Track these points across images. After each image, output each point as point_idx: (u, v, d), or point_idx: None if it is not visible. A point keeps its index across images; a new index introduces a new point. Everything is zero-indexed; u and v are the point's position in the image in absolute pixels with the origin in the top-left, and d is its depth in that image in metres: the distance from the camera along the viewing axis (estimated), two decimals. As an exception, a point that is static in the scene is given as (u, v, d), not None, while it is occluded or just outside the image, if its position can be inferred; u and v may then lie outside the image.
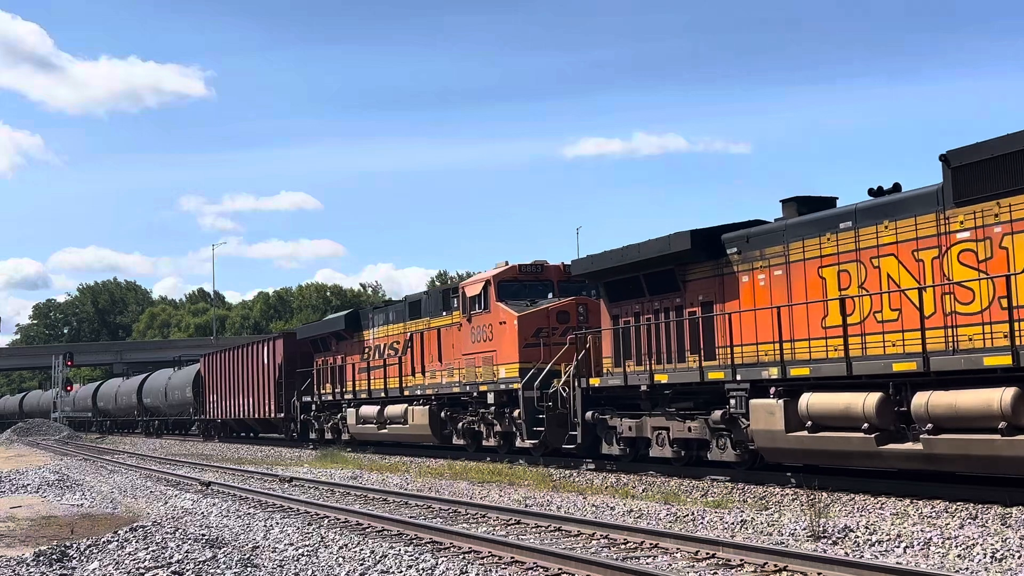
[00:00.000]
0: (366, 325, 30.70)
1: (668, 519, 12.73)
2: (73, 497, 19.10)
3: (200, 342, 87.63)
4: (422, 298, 27.25)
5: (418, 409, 26.25)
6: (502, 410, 22.66)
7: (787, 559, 9.19)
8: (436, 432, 25.62)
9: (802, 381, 15.01)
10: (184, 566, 9.78)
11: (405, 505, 15.60)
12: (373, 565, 9.89)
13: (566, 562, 9.63)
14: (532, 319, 22.06)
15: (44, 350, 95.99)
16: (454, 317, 24.90)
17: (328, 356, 33.44)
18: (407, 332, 27.54)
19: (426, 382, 26.24)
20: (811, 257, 15.44)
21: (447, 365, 25.12)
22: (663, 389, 17.87)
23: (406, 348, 27.42)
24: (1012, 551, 9.42)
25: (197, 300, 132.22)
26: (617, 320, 19.47)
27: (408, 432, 27.04)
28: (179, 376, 52.76)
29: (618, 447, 19.06)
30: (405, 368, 27.41)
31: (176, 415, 53.56)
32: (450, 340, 25.00)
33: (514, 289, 22.98)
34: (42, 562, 10.36)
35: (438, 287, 26.24)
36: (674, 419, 17.61)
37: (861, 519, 12.02)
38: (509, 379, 22.14)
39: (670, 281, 18.07)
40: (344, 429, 31.55)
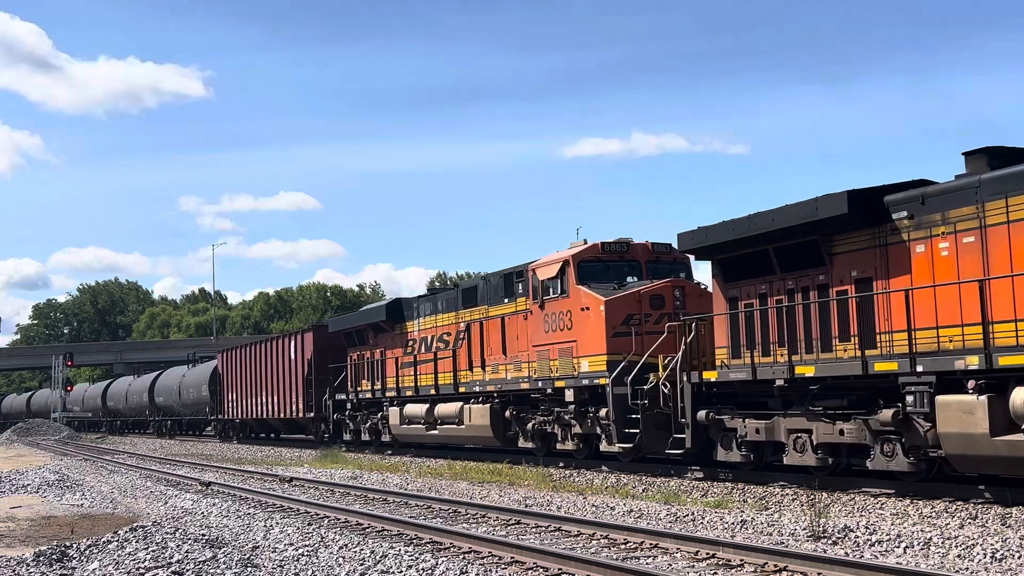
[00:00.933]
0: (410, 316, 27.86)
1: (668, 519, 12.73)
2: (73, 497, 19.10)
3: (200, 342, 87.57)
4: (478, 284, 24.34)
5: (477, 408, 23.55)
6: (583, 409, 19.91)
7: (787, 559, 9.19)
8: (498, 434, 22.95)
9: (1013, 372, 12.08)
10: (184, 566, 9.78)
11: (405, 505, 15.60)
12: (373, 565, 9.89)
13: (566, 562, 9.63)
14: (621, 304, 19.11)
15: (44, 350, 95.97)
16: (518, 304, 22.17)
17: (364, 350, 30.70)
18: (460, 322, 24.82)
19: (487, 377, 23.42)
20: (1020, 219, 12.44)
21: (513, 358, 22.29)
22: (807, 384, 14.94)
23: (459, 340, 24.70)
24: (1012, 551, 9.42)
25: (197, 300, 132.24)
26: (735, 303, 16.71)
27: (464, 434, 24.41)
28: (194, 374, 50.16)
29: (739, 453, 16.29)
30: (460, 362, 24.64)
31: (190, 415, 51.14)
32: (516, 330, 22.27)
33: (596, 270, 20.11)
34: (42, 562, 10.36)
35: (499, 271, 23.10)
36: (819, 420, 14.75)
37: (861, 519, 12.03)
38: (593, 373, 19.31)
39: (812, 254, 15.24)
40: (385, 430, 28.95)
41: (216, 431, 47.55)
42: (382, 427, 29.13)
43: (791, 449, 15.31)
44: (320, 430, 34.03)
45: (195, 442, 45.73)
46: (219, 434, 46.51)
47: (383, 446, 29.46)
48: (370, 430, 30.07)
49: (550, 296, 20.70)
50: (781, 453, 15.71)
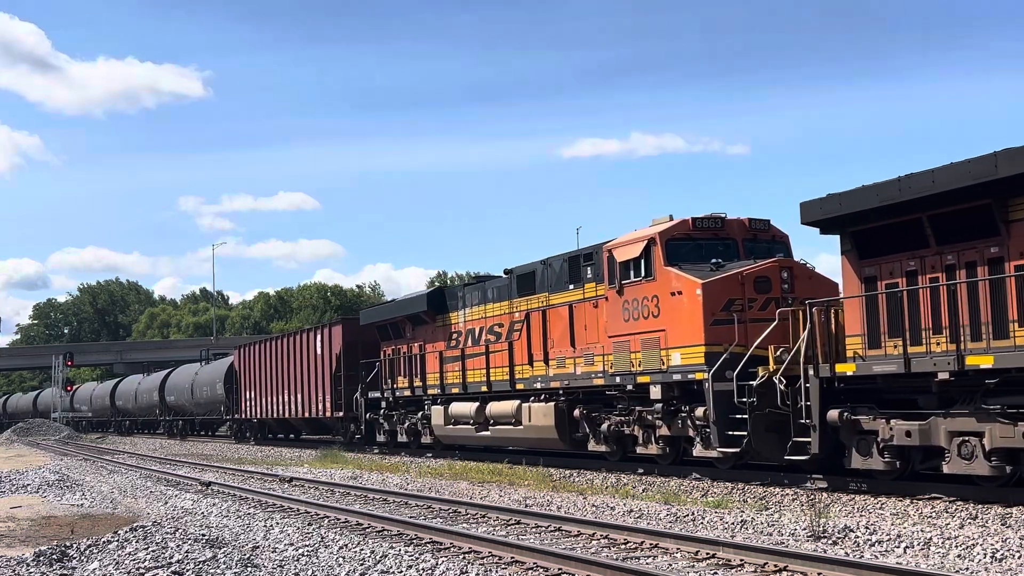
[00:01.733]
0: (454, 306, 25.39)
1: (668, 519, 12.73)
2: (73, 497, 19.09)
3: (200, 342, 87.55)
4: (536, 269, 21.70)
5: (538, 407, 21.12)
6: (672, 408, 17.57)
7: (787, 559, 9.19)
8: (564, 435, 20.53)
9: None
10: (184, 566, 9.78)
11: (405, 505, 15.60)
12: (373, 565, 9.90)
13: (566, 562, 9.63)
14: (721, 287, 16.67)
15: (44, 350, 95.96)
16: (586, 290, 19.80)
17: (401, 344, 28.10)
18: (514, 312, 22.48)
19: (550, 373, 20.90)
20: None
21: (583, 350, 19.81)
22: (981, 378, 12.64)
23: (513, 331, 22.38)
24: (1012, 551, 9.42)
25: (198, 300, 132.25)
26: (872, 284, 14.39)
27: (522, 435, 21.96)
28: (208, 371, 47.67)
29: (882, 459, 13.88)
30: (517, 355, 22.17)
31: (204, 414, 48.66)
32: (585, 319, 19.82)
33: (686, 249, 17.73)
34: (42, 562, 10.36)
35: (561, 255, 20.85)
36: (994, 421, 12.47)
37: (861, 519, 12.03)
38: (688, 367, 16.89)
39: (983, 222, 12.83)
40: (425, 431, 26.58)
41: (231, 432, 45.29)
42: (422, 427, 26.84)
43: (954, 455, 12.97)
44: (350, 431, 31.85)
45: (207, 443, 43.90)
46: (234, 435, 44.15)
47: (422, 448, 27.26)
48: (408, 431, 27.69)
49: (630, 280, 18.24)
50: (935, 460, 13.42)
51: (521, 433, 21.98)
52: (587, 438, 20.12)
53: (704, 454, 17.04)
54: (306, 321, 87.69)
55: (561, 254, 20.95)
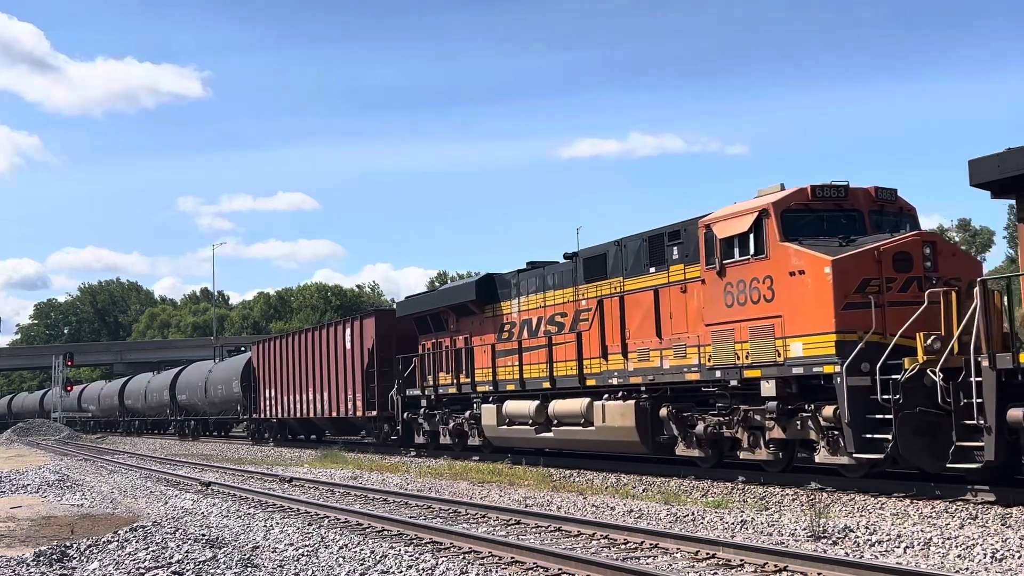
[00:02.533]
0: (506, 295, 23.23)
1: (668, 519, 12.73)
2: (73, 497, 19.10)
3: (201, 342, 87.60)
4: (608, 251, 19.43)
5: (614, 405, 18.82)
6: (789, 406, 15.24)
7: (787, 559, 9.19)
8: (645, 437, 18.14)
9: None
10: (184, 566, 9.78)
11: (405, 505, 15.60)
12: (373, 565, 9.90)
13: (566, 562, 9.63)
14: (855, 265, 14.37)
15: (44, 350, 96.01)
16: (671, 273, 17.58)
17: (443, 337, 26.07)
18: (581, 299, 20.25)
19: (629, 367, 18.62)
20: None
21: (672, 341, 17.52)
22: None
23: (579, 321, 20.21)
24: (1012, 551, 9.42)
25: (199, 300, 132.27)
26: None
27: (593, 437, 19.61)
28: (223, 369, 45.45)
29: None
30: (587, 348, 19.88)
31: (218, 414, 46.52)
32: (671, 306, 17.58)
33: (805, 222, 15.49)
34: (42, 562, 10.36)
35: (639, 234, 18.54)
36: None
37: (861, 519, 12.03)
38: (813, 359, 14.54)
39: None
40: (473, 432, 24.38)
41: (248, 432, 42.98)
42: (469, 428, 24.58)
43: None
44: (383, 431, 29.66)
45: (220, 444, 41.84)
46: (251, 435, 41.93)
47: (469, 450, 25.05)
48: (453, 431, 25.42)
49: (735, 259, 15.93)
50: None
51: (592, 435, 19.55)
52: (675, 441, 17.67)
53: (830, 461, 14.64)
54: (306, 321, 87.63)
55: (638, 234, 18.61)
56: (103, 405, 65.82)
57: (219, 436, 48.58)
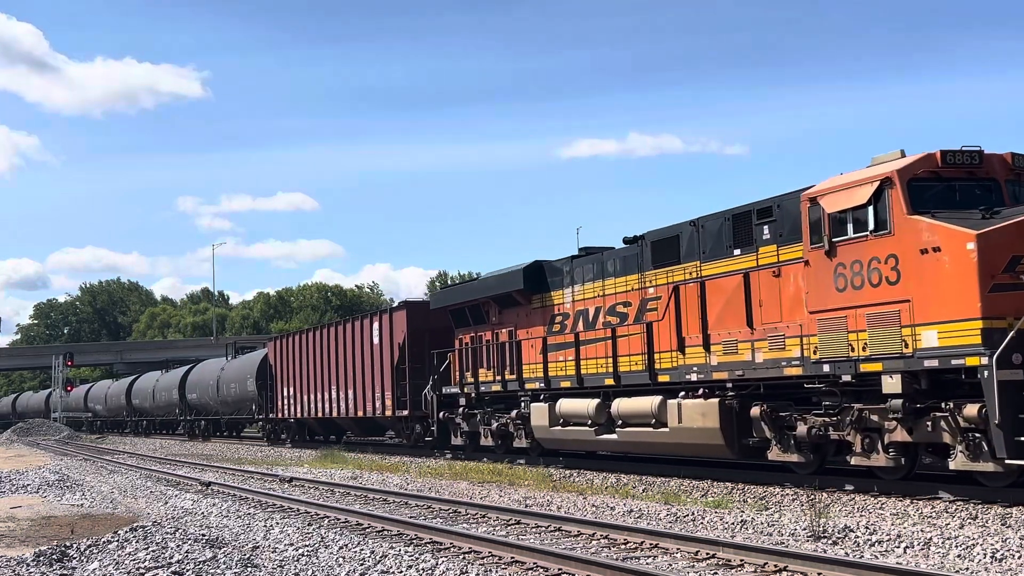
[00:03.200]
0: (558, 283, 21.35)
1: (668, 519, 12.73)
2: (73, 497, 19.10)
3: (201, 342, 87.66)
4: (681, 233, 17.59)
5: (694, 404, 16.82)
6: (917, 405, 13.34)
7: (787, 559, 9.18)
8: (731, 440, 16.19)
9: None
10: (184, 566, 9.78)
11: (405, 505, 15.60)
12: (373, 565, 9.89)
13: (566, 562, 9.62)
14: (1003, 240, 12.49)
15: (44, 350, 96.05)
16: (761, 255, 15.77)
17: (483, 330, 24.17)
18: (648, 286, 18.46)
19: (712, 361, 16.70)
20: None
21: (767, 331, 15.53)
22: None
23: (646, 311, 18.38)
24: (1012, 551, 9.42)
25: (199, 300, 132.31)
26: None
27: (667, 440, 17.60)
28: (236, 367, 43.59)
29: None
30: (659, 340, 17.98)
31: (230, 414, 44.71)
32: (763, 291, 15.71)
33: (934, 193, 13.60)
34: (42, 562, 10.36)
35: (719, 213, 16.81)
36: None
37: (861, 519, 12.03)
38: (950, 349, 12.66)
39: None
40: (520, 433, 22.46)
41: (263, 433, 40.82)
42: (515, 429, 22.67)
43: None
44: (414, 432, 27.74)
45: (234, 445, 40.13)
46: (267, 436, 39.86)
47: (513, 453, 23.12)
48: (496, 432, 23.49)
49: (848, 236, 14.00)
50: None
51: (665, 437, 17.57)
52: (766, 444, 15.72)
53: (969, 467, 12.82)
54: (306, 321, 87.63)
55: (718, 213, 16.84)
56: (110, 405, 64.42)
57: (232, 437, 47.02)
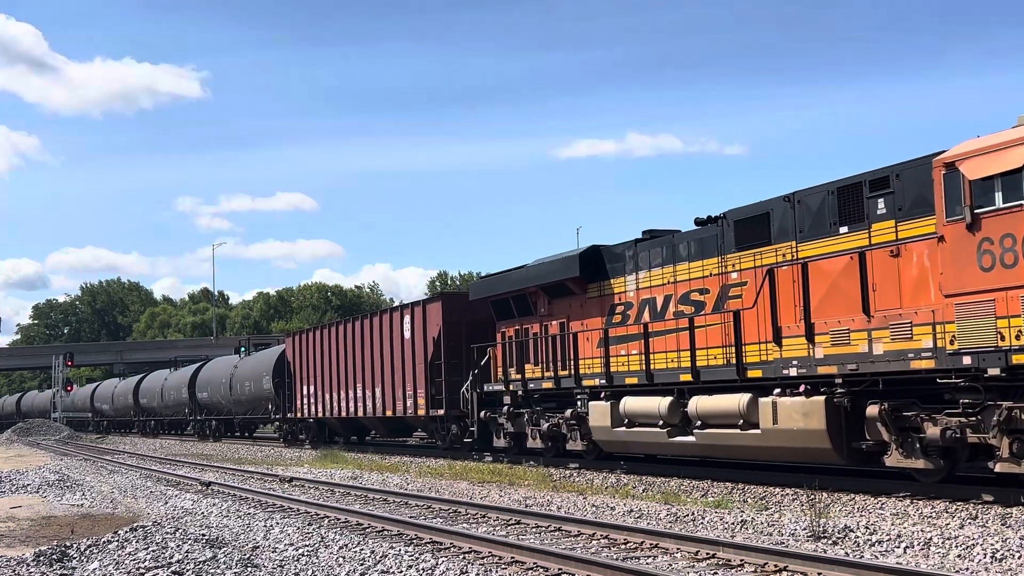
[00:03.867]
0: (618, 270, 19.49)
1: (668, 519, 12.72)
2: (73, 497, 19.09)
3: (201, 342, 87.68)
4: (772, 210, 15.83)
5: (793, 403, 14.81)
6: None
7: (787, 559, 9.18)
8: (839, 444, 14.26)
9: None
10: (184, 566, 9.78)
11: (405, 505, 15.60)
12: (373, 565, 9.89)
13: (566, 562, 9.62)
14: None
15: (44, 350, 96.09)
16: (874, 233, 14.01)
17: (529, 322, 22.38)
18: (730, 271, 16.74)
19: (818, 353, 14.68)
20: None
21: (888, 319, 13.62)
22: None
23: (726, 299, 16.70)
24: (1012, 551, 9.42)
25: (199, 300, 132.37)
26: None
27: (760, 443, 15.55)
28: (250, 364, 41.58)
29: None
30: (748, 330, 16.07)
31: (244, 413, 42.63)
32: (877, 274, 13.85)
33: None
34: (42, 562, 10.36)
35: (821, 185, 15.01)
36: None
37: (861, 519, 12.02)
38: None
39: None
40: (574, 434, 20.51)
41: (280, 434, 38.66)
42: (568, 430, 20.70)
43: None
44: (450, 433, 25.82)
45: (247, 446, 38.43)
46: (284, 437, 37.81)
47: (565, 456, 21.27)
48: (547, 434, 21.48)
49: (996, 207, 12.17)
50: None
51: (755, 440, 15.58)
52: (883, 448, 13.80)
53: None
54: (306, 321, 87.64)
55: (818, 186, 15.07)
56: (117, 404, 62.68)
57: (244, 438, 45.49)
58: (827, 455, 14.63)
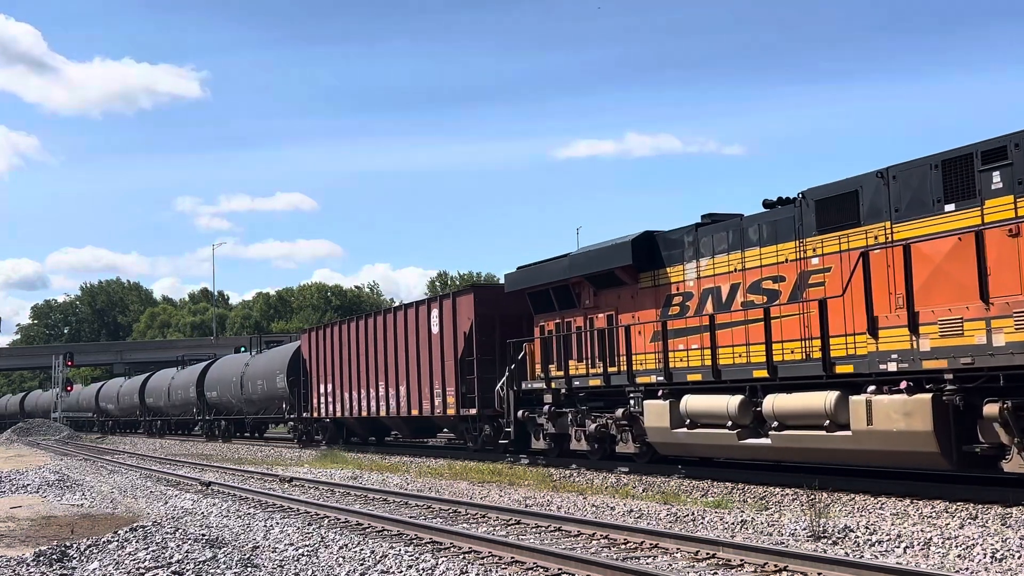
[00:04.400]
0: (676, 257, 18.03)
1: (668, 519, 12.72)
2: (73, 497, 19.09)
3: (201, 342, 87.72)
4: (862, 187, 14.24)
5: (893, 401, 13.31)
6: None
7: (787, 559, 9.18)
8: (946, 447, 12.86)
9: None
10: (184, 566, 9.78)
11: (405, 505, 15.60)
12: (373, 565, 9.89)
13: (566, 562, 9.62)
14: None
15: (44, 350, 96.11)
16: (987, 210, 12.62)
17: (572, 315, 20.91)
18: (810, 256, 15.20)
19: (923, 345, 13.13)
20: None
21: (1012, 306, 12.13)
22: None
23: (805, 286, 15.21)
24: (1012, 551, 9.42)
25: (199, 300, 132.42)
26: None
27: (851, 446, 13.98)
28: (262, 362, 40.12)
29: None
30: (836, 321, 14.48)
31: (256, 413, 41.18)
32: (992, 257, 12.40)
33: None
34: (42, 562, 10.35)
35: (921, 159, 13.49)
36: None
37: (861, 519, 12.02)
38: None
39: None
40: (625, 435, 19.09)
41: (295, 434, 37.06)
42: (619, 431, 19.26)
43: None
44: (483, 433, 24.37)
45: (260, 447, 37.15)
46: (298, 438, 36.31)
47: (613, 459, 19.78)
48: (593, 435, 20.01)
49: None
50: None
51: (845, 443, 14.03)
52: (1001, 452, 12.48)
53: None
54: (306, 321, 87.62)
55: (918, 159, 13.63)
56: (122, 404, 61.18)
57: (256, 439, 44.30)
58: (932, 460, 13.14)
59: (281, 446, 37.55)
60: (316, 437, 35.02)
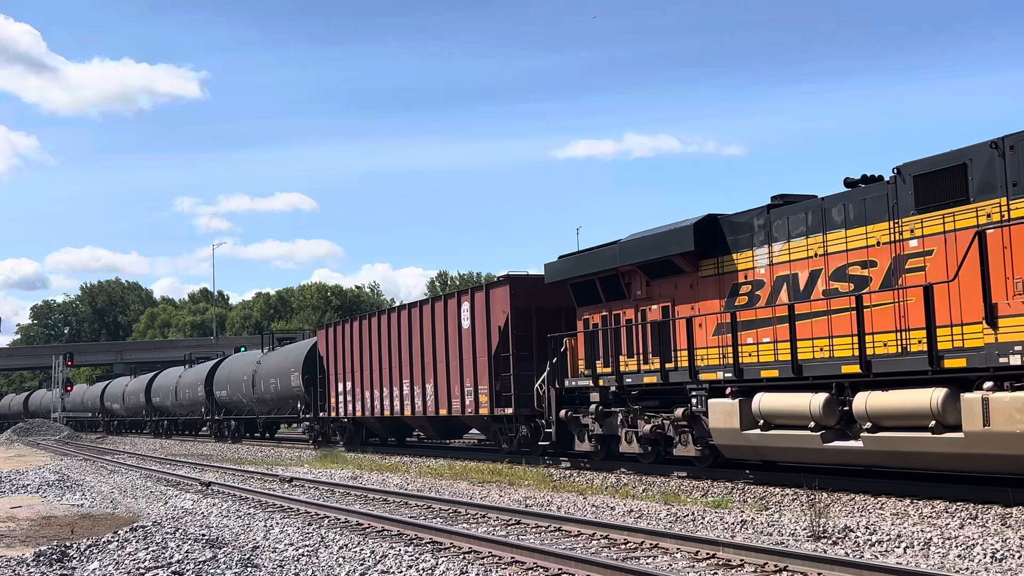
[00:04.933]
0: (744, 242, 16.50)
1: (668, 519, 12.72)
2: (73, 497, 19.09)
3: (201, 342, 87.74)
4: (971, 159, 12.77)
5: (1013, 399, 11.78)
6: None
7: (787, 559, 9.18)
8: None
9: None
10: (184, 566, 9.78)
11: (405, 505, 15.60)
12: (373, 565, 9.89)
13: (566, 562, 9.62)
14: None
15: (44, 350, 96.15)
16: None
17: (620, 307, 19.42)
18: (907, 238, 13.67)
19: None
20: None
21: None
22: None
23: (901, 272, 13.71)
24: (1012, 551, 9.42)
25: (199, 300, 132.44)
26: None
27: (963, 449, 12.43)
28: (275, 360, 38.35)
29: None
30: (945, 309, 12.93)
31: (268, 412, 39.54)
32: None
33: None
34: (42, 562, 10.35)
35: None
36: None
37: (861, 519, 12.02)
38: None
39: None
40: (684, 438, 17.56)
41: (310, 435, 35.65)
42: (677, 432, 17.70)
43: None
44: (519, 434, 22.72)
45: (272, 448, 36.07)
46: (314, 438, 34.90)
47: (670, 463, 18.39)
48: (648, 436, 18.44)
49: None
50: None
51: (957, 446, 12.50)
52: None
53: None
54: (306, 321, 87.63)
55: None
56: (128, 403, 59.71)
57: (267, 440, 43.15)
58: None
59: (282, 447, 37.14)
60: (334, 438, 33.64)
